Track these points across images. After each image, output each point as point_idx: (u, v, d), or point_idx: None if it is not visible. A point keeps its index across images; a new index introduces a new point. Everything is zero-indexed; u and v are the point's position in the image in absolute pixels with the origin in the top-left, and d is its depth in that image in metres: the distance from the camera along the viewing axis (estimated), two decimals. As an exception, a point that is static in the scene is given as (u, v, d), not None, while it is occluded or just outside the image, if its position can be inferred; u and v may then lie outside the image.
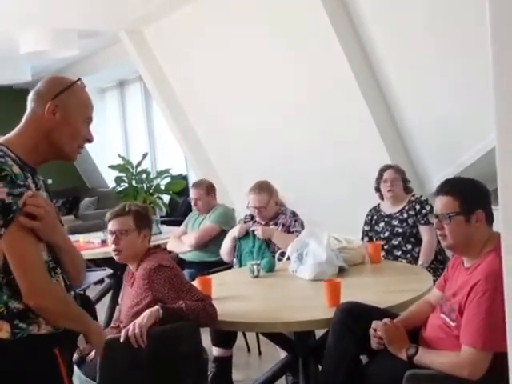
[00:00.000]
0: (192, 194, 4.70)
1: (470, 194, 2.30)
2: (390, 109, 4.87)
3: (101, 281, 4.86)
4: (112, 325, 2.92)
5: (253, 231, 3.96)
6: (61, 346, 1.70)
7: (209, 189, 4.69)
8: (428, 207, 3.97)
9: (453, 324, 2.22)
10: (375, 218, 4.21)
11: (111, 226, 2.81)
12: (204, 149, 6.95)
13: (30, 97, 1.77)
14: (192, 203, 4.72)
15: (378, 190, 4.22)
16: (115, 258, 2.84)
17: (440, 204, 2.32)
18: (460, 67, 4.25)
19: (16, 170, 1.62)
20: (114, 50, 7.56)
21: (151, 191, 7.58)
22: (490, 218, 2.28)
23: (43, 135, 1.74)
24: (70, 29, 6.54)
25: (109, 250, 4.13)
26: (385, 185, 4.13)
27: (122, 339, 2.46)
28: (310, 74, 5.14)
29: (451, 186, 2.35)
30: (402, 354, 2.28)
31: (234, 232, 4.05)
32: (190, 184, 8.05)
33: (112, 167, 7.89)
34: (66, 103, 1.74)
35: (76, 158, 1.83)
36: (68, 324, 1.71)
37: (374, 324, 2.37)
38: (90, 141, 1.82)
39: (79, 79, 1.81)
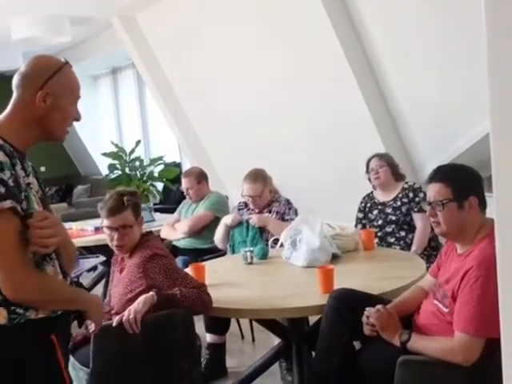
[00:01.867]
0: (183, 183, 4.69)
1: (463, 181, 2.30)
2: (384, 97, 4.86)
3: (94, 268, 4.85)
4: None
5: (247, 221, 3.95)
6: (57, 332, 1.70)
7: (199, 177, 4.66)
8: (421, 195, 3.97)
9: (446, 310, 2.23)
10: (369, 205, 4.21)
11: (112, 222, 2.75)
12: (198, 136, 6.93)
13: (16, 82, 1.73)
14: (184, 192, 4.72)
15: (370, 181, 4.22)
16: (117, 251, 2.83)
17: (433, 191, 2.32)
18: (454, 54, 4.25)
19: (1, 158, 1.59)
20: (106, 37, 7.51)
21: (144, 179, 7.59)
22: (482, 204, 2.28)
23: (34, 121, 1.71)
24: (62, 15, 6.49)
25: (102, 237, 4.15)
26: (371, 173, 4.14)
27: (114, 324, 2.46)
28: (305, 63, 5.12)
29: (443, 173, 2.34)
30: (394, 340, 2.30)
31: (226, 220, 4.05)
32: (184, 171, 8.07)
33: (105, 154, 7.89)
34: (55, 89, 1.71)
35: (65, 139, 1.82)
36: (61, 307, 1.71)
37: (367, 311, 2.38)
38: (77, 119, 1.81)
39: (67, 62, 1.78)
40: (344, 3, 4.63)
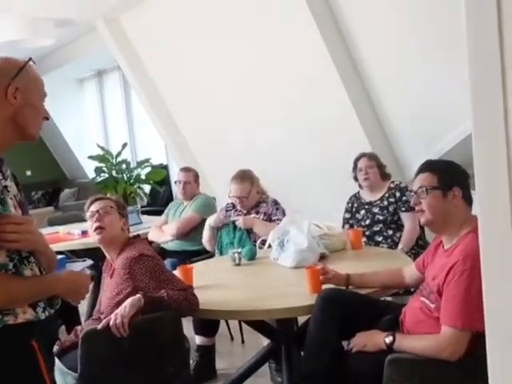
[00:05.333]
0: (181, 177, 4.68)
1: (448, 171, 2.36)
2: (369, 96, 4.88)
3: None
4: (93, 317, 2.90)
5: (233, 222, 3.95)
6: (38, 337, 1.67)
7: (196, 176, 4.75)
8: (408, 194, 3.99)
9: (432, 306, 2.25)
10: (355, 205, 4.21)
11: (94, 206, 2.84)
12: (184, 138, 6.92)
13: None
14: (179, 187, 4.69)
15: (356, 179, 4.22)
16: (97, 237, 2.80)
17: (419, 180, 2.38)
18: (438, 54, 4.27)
19: None
20: (91, 39, 7.46)
21: (131, 181, 7.55)
22: (467, 198, 2.32)
23: (7, 120, 1.67)
24: (46, 17, 6.45)
25: (89, 241, 4.12)
26: (360, 173, 4.14)
27: (99, 327, 2.45)
28: (290, 64, 5.12)
29: (431, 164, 2.41)
30: (381, 346, 2.30)
31: (209, 221, 4.05)
32: (171, 173, 8.06)
33: (91, 158, 7.84)
34: (24, 85, 1.69)
35: (38, 137, 1.77)
36: (29, 301, 1.64)
37: (350, 346, 2.42)
38: (47, 118, 1.78)
39: (30, 58, 1.75)
40: (327, 1, 4.64)
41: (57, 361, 2.65)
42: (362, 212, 4.15)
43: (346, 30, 4.67)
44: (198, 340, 3.71)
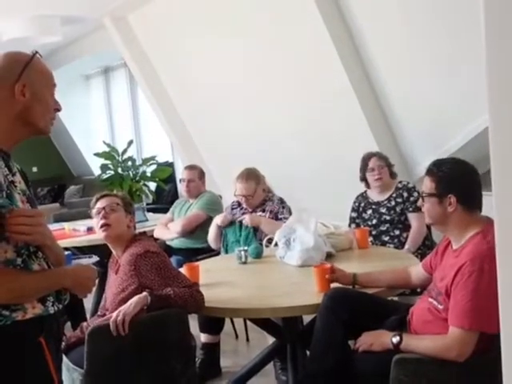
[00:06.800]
0: (186, 175, 4.67)
1: (447, 178, 2.33)
2: (377, 95, 4.86)
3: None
4: (98, 313, 2.90)
5: (240, 221, 3.94)
6: (46, 334, 1.65)
7: (201, 174, 4.73)
8: (416, 194, 3.95)
9: (440, 307, 2.24)
10: (362, 205, 4.19)
11: (100, 203, 2.83)
12: (190, 135, 6.92)
13: None
14: (183, 185, 4.68)
15: (362, 179, 4.18)
16: (103, 234, 2.79)
17: (423, 184, 2.40)
18: (447, 51, 4.25)
19: None
20: (98, 36, 7.48)
21: (137, 178, 7.57)
22: (468, 203, 2.28)
23: (16, 117, 1.66)
24: (53, 15, 6.46)
25: (94, 238, 4.13)
26: (372, 174, 4.07)
27: (98, 321, 2.44)
28: (297, 63, 5.11)
29: (433, 168, 2.38)
30: (388, 346, 2.30)
31: (217, 220, 4.04)
32: (176, 171, 8.06)
33: (97, 155, 7.86)
34: (31, 80, 1.67)
35: (50, 131, 1.76)
36: (38, 295, 1.64)
37: (357, 345, 2.41)
38: (58, 110, 1.76)
39: (36, 52, 1.73)
40: (337, 3, 4.63)
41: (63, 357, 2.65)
42: (369, 211, 4.12)
43: (354, 30, 4.66)
44: (203, 338, 3.71)
